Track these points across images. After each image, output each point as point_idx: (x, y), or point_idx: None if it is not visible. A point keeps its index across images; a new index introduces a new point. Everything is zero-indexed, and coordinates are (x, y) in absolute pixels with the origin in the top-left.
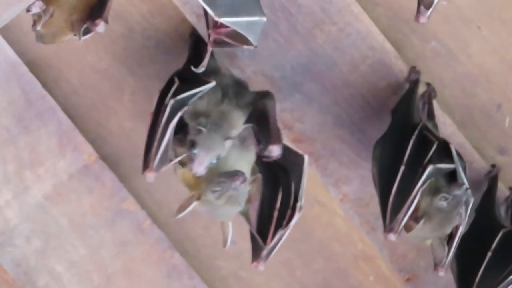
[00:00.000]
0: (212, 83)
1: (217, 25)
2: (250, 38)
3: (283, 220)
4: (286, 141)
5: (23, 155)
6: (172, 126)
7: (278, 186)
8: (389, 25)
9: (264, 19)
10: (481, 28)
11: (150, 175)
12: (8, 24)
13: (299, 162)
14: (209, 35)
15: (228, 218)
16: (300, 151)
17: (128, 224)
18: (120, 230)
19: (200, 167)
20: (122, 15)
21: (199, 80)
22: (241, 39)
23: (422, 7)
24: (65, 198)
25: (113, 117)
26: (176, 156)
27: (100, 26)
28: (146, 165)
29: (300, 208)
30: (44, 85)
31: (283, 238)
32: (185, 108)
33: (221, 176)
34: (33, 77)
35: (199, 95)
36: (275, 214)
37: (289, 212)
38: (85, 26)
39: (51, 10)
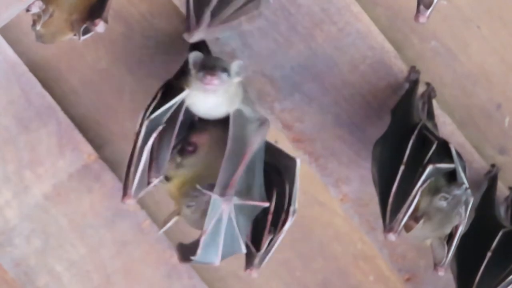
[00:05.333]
0: (186, 92)
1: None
2: None
3: (277, 224)
4: (286, 141)
5: (23, 155)
6: (148, 149)
7: (272, 189)
8: (389, 25)
9: (266, 205)
10: (481, 28)
11: (129, 202)
12: (8, 24)
13: (292, 166)
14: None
15: None
16: (292, 155)
17: (128, 224)
18: (120, 230)
19: (213, 80)
20: (122, 15)
21: (177, 90)
22: None
23: (421, 7)
24: (65, 198)
25: (113, 117)
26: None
27: (100, 26)
28: (124, 192)
29: (294, 212)
30: (44, 85)
31: (277, 243)
32: (160, 128)
33: (195, 190)
34: (33, 77)
35: (173, 108)
36: (269, 218)
37: (283, 216)
38: (84, 26)
39: (50, 10)
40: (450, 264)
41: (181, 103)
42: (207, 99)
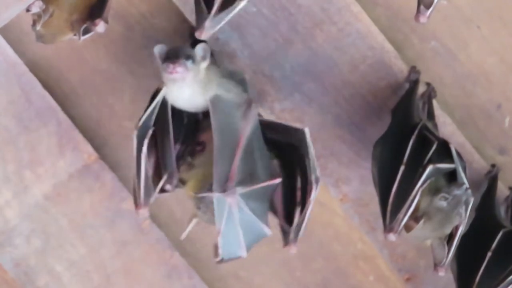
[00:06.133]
0: (163, 90)
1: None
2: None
3: (305, 196)
4: None
5: (23, 155)
6: (144, 156)
7: (294, 165)
8: (389, 25)
9: (277, 181)
10: (481, 28)
11: (142, 212)
12: (8, 24)
13: (302, 136)
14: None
15: None
16: (299, 126)
17: (128, 224)
18: (120, 230)
19: (176, 68)
20: (122, 15)
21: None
22: None
23: (422, 7)
24: (65, 198)
25: (113, 117)
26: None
27: (100, 26)
28: (135, 203)
29: (317, 179)
30: (44, 85)
31: (307, 214)
32: (150, 132)
33: (199, 192)
34: (33, 77)
35: (156, 111)
36: (298, 194)
37: (308, 187)
38: (85, 26)
39: (50, 10)
40: (450, 264)
41: (165, 102)
42: (180, 90)
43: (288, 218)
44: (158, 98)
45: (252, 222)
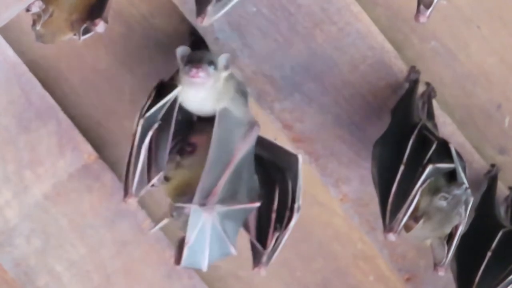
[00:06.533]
0: (178, 88)
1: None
2: None
3: (282, 221)
4: (285, 140)
5: (23, 155)
6: (145, 147)
7: (275, 186)
8: (389, 25)
9: (256, 205)
10: (481, 27)
11: (130, 201)
12: (8, 24)
13: (293, 162)
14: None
15: None
16: (293, 151)
17: (128, 224)
18: (120, 230)
19: (199, 72)
20: (122, 15)
21: (170, 87)
22: None
23: (422, 7)
24: (64, 198)
25: (113, 117)
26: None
27: (100, 26)
28: (125, 191)
29: (298, 208)
30: (44, 85)
31: (283, 240)
32: (155, 126)
33: (176, 201)
34: (33, 77)
35: (166, 106)
36: (273, 216)
37: (287, 213)
38: (84, 26)
39: (50, 9)
40: (450, 264)
41: (175, 100)
42: (196, 93)
43: (259, 237)
44: (172, 95)
45: (221, 241)
